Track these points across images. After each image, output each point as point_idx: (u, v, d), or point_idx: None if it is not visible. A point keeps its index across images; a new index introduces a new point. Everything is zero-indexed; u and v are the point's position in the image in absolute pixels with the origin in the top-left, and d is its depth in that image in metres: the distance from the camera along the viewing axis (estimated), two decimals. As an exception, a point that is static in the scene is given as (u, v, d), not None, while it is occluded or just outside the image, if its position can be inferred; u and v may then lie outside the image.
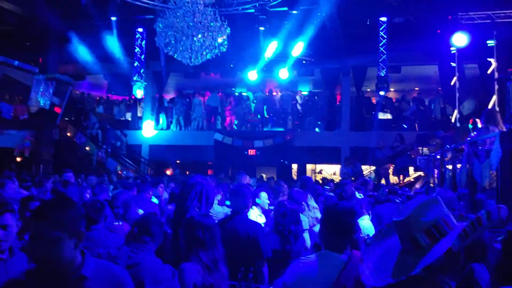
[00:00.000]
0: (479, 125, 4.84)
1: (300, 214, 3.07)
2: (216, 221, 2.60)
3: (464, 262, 1.96)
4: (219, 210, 3.53)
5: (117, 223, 3.13)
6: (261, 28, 9.95)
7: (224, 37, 7.36)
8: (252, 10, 8.92)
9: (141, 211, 3.49)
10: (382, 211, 3.84)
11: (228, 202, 3.71)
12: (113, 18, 9.10)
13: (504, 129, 3.56)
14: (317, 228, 3.02)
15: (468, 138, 4.75)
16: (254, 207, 3.45)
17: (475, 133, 4.78)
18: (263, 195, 3.73)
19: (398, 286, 1.09)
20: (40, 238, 1.17)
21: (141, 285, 1.78)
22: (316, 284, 1.65)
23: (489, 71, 8.34)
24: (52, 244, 1.17)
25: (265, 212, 3.65)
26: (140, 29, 11.61)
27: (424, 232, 1.10)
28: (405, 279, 1.08)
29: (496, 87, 7.53)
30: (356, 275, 1.59)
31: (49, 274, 1.21)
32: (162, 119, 13.43)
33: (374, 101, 12.80)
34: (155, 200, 4.59)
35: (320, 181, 10.11)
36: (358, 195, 4.75)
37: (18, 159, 10.24)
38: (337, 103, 12.92)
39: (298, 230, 2.82)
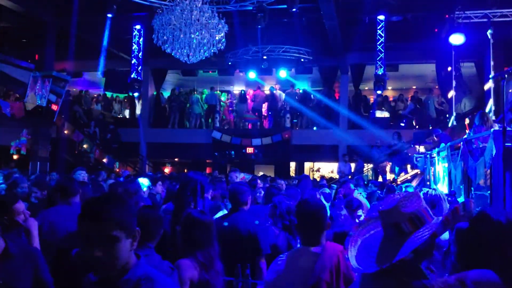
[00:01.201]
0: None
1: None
2: (214, 218, 2.63)
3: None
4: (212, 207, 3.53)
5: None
6: (260, 26, 9.93)
7: (222, 34, 7.36)
8: (251, 8, 8.90)
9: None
10: None
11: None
12: (109, 15, 9.04)
13: (496, 128, 3.62)
14: None
15: (464, 137, 4.79)
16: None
17: (468, 131, 4.83)
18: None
19: (383, 273, 1.18)
20: (98, 238, 1.07)
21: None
22: (292, 278, 1.71)
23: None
24: (110, 245, 1.07)
25: None
26: (138, 26, 11.56)
27: (407, 220, 1.22)
28: (389, 266, 1.17)
29: (492, 85, 7.59)
30: (331, 266, 1.65)
31: (102, 278, 1.12)
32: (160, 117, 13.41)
33: (372, 99, 12.85)
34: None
35: (318, 179, 10.16)
36: (357, 193, 4.79)
37: (15, 156, 10.21)
38: (335, 102, 12.95)
39: None
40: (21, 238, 2.17)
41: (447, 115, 10.78)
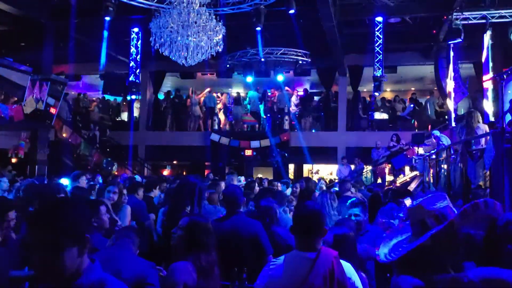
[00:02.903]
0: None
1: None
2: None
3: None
4: (210, 210, 3.51)
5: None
6: (258, 28, 9.93)
7: (220, 36, 7.34)
8: (248, 10, 8.89)
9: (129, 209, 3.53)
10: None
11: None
12: (107, 18, 9.03)
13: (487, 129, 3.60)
14: None
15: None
16: None
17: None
18: None
19: (406, 263, 1.24)
20: (39, 245, 1.03)
21: (118, 274, 1.72)
22: (285, 284, 1.67)
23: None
24: (51, 252, 1.02)
25: None
26: (136, 29, 11.55)
27: (432, 217, 1.27)
28: (409, 257, 1.22)
29: (491, 87, 7.59)
30: (324, 272, 1.62)
31: (50, 284, 1.07)
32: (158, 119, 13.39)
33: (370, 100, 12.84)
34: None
35: (317, 181, 10.11)
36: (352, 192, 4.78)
37: (13, 160, 10.15)
38: (334, 103, 12.93)
39: None
40: None
41: (446, 117, 10.76)
